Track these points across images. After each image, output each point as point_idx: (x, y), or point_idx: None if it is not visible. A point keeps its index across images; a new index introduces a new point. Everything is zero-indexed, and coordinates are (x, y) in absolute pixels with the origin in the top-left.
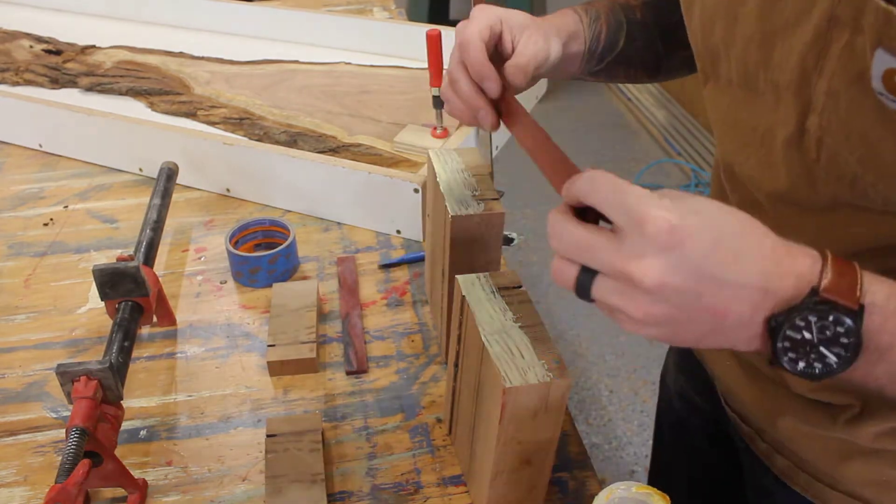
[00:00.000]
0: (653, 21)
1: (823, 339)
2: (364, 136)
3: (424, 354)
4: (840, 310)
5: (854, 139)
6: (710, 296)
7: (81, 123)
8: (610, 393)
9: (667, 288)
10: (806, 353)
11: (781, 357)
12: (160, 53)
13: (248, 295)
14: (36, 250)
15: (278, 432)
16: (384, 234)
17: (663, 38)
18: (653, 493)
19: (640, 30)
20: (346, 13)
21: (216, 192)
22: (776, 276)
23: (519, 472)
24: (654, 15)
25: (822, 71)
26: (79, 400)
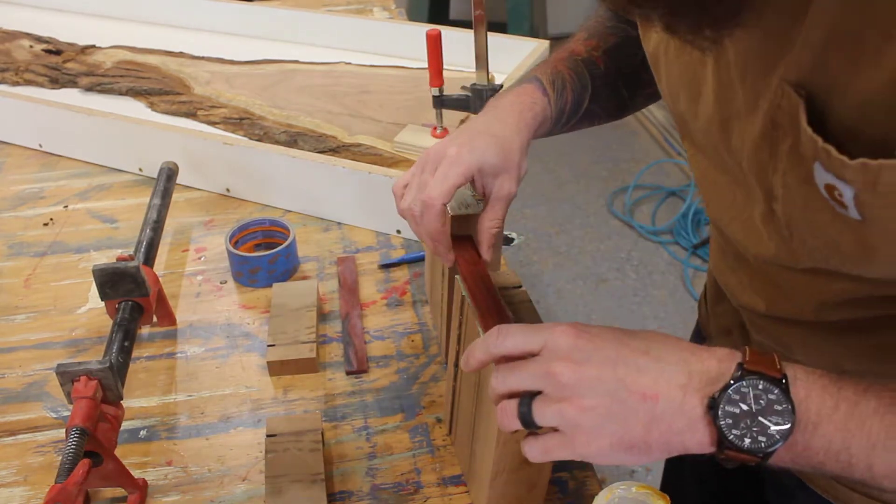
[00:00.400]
0: (615, 69)
1: (760, 409)
2: (364, 136)
3: (424, 354)
4: (768, 379)
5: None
6: (632, 381)
7: (81, 123)
8: None
9: (585, 378)
10: (748, 426)
11: (727, 435)
12: (160, 53)
13: (248, 295)
14: (36, 250)
15: (278, 432)
16: (384, 234)
17: (626, 83)
18: (652, 493)
19: (604, 83)
20: (346, 13)
21: (216, 192)
22: (696, 361)
23: (519, 472)
24: (616, 62)
25: (776, 166)
26: (79, 400)
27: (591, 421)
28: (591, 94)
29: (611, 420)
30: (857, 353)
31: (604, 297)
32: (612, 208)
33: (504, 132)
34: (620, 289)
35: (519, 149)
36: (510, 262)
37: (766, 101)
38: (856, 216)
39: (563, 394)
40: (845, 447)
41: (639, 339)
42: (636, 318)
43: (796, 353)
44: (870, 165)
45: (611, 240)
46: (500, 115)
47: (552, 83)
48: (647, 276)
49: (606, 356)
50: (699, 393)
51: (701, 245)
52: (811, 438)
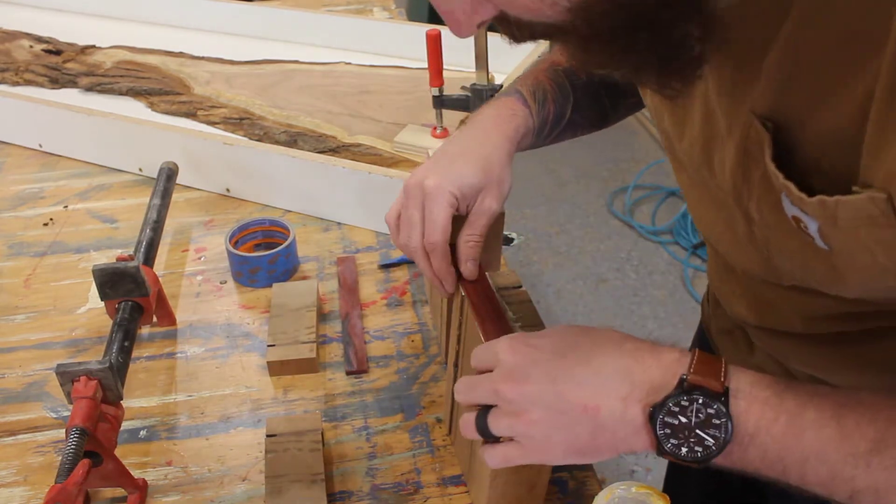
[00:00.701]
0: (597, 78)
1: (698, 422)
2: (364, 136)
3: (424, 354)
4: (708, 394)
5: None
6: (572, 395)
7: (81, 123)
8: None
9: (527, 394)
10: (686, 437)
11: (665, 444)
12: (160, 53)
13: (248, 295)
14: (36, 250)
15: (278, 432)
16: (384, 234)
17: (608, 93)
18: (652, 493)
19: (585, 93)
20: (346, 13)
21: (216, 192)
22: (639, 370)
23: (519, 472)
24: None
25: (751, 192)
26: (79, 400)
27: (541, 432)
28: (572, 104)
29: (558, 430)
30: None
31: (604, 297)
32: (612, 208)
33: (483, 150)
34: (620, 289)
35: (499, 163)
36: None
37: (738, 130)
38: (823, 246)
39: (512, 409)
40: (780, 458)
41: (580, 350)
42: (636, 318)
43: (792, 361)
44: (827, 202)
45: (611, 240)
46: (480, 132)
47: (533, 94)
48: (647, 276)
49: (545, 372)
50: (640, 403)
51: (701, 245)
52: (747, 449)
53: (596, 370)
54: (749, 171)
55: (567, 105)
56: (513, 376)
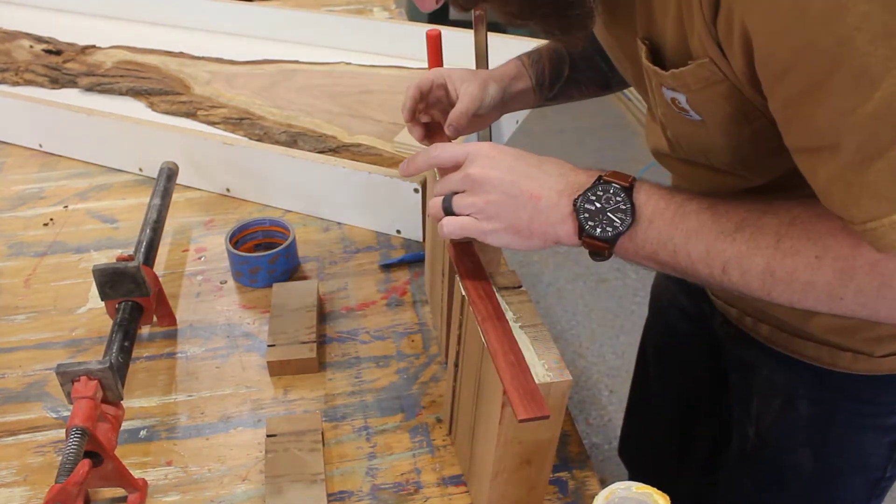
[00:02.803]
0: (593, 49)
1: (609, 207)
2: (364, 136)
3: (424, 354)
4: (617, 186)
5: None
6: (524, 184)
7: (81, 123)
8: (610, 393)
9: (491, 178)
10: (600, 220)
11: (584, 226)
12: (160, 53)
13: (248, 295)
14: (36, 250)
15: (278, 432)
16: (384, 234)
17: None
18: (653, 493)
19: (581, 56)
20: (346, 13)
21: (216, 192)
22: (571, 173)
23: (519, 472)
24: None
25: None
26: (79, 400)
27: (493, 210)
28: (569, 64)
29: (506, 210)
30: None
31: (604, 297)
32: None
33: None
34: (620, 289)
35: (486, 74)
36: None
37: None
38: (696, 117)
39: (474, 189)
40: (670, 238)
41: (533, 157)
42: (636, 318)
43: None
44: (676, 73)
45: None
46: None
47: (528, 56)
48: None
49: (509, 165)
50: (569, 197)
51: None
52: (647, 231)
53: (544, 171)
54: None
55: (563, 64)
56: (483, 164)
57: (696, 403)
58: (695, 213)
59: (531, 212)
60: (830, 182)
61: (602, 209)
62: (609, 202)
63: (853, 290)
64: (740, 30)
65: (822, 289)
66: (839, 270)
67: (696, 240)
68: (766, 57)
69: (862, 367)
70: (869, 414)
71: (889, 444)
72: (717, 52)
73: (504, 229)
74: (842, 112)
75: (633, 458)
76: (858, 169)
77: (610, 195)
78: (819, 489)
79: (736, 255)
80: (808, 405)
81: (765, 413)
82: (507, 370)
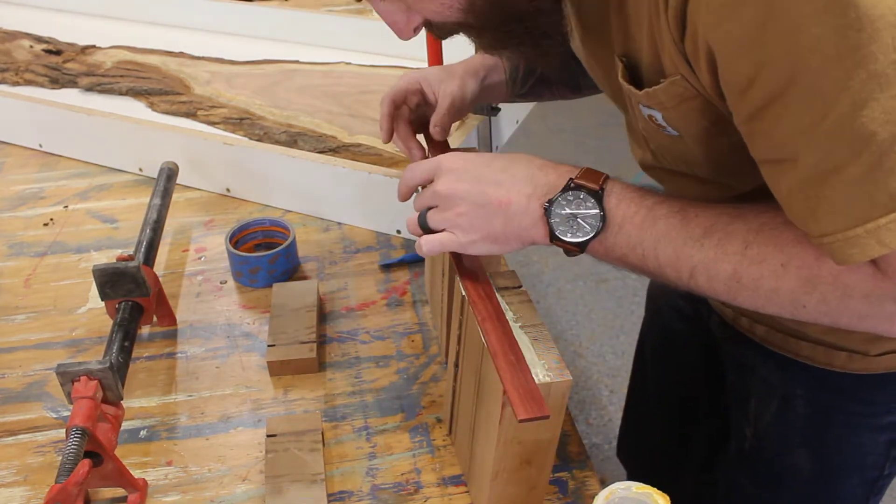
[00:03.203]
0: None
1: (579, 213)
2: (364, 136)
3: (424, 354)
4: (587, 190)
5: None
6: (492, 192)
7: (81, 123)
8: (610, 393)
9: (458, 191)
10: (570, 225)
11: (556, 230)
12: (160, 53)
13: (248, 295)
14: (36, 250)
15: (278, 432)
16: (384, 234)
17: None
18: (653, 493)
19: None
20: (346, 13)
21: (216, 192)
22: (540, 174)
23: (519, 472)
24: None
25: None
26: (79, 400)
27: (466, 222)
28: None
29: (478, 220)
30: None
31: (604, 297)
32: None
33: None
34: (620, 289)
35: (461, 69)
36: (510, 262)
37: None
38: (673, 132)
39: (445, 204)
40: (640, 242)
41: (500, 161)
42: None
43: None
44: (650, 92)
45: None
46: None
47: None
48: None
49: (474, 175)
50: (539, 200)
51: None
52: (616, 236)
53: (511, 175)
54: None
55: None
56: (448, 179)
57: (693, 404)
58: (664, 217)
59: (503, 218)
60: (791, 194)
61: (572, 214)
62: (579, 207)
63: (816, 298)
64: (705, 47)
65: (785, 296)
66: (803, 279)
67: (664, 244)
68: (729, 73)
69: (857, 367)
70: (865, 413)
71: (886, 442)
72: (688, 69)
73: (482, 239)
74: (799, 129)
75: (632, 458)
76: (815, 184)
77: (580, 200)
78: (817, 489)
79: (703, 260)
80: (805, 405)
81: (762, 413)
82: (507, 370)
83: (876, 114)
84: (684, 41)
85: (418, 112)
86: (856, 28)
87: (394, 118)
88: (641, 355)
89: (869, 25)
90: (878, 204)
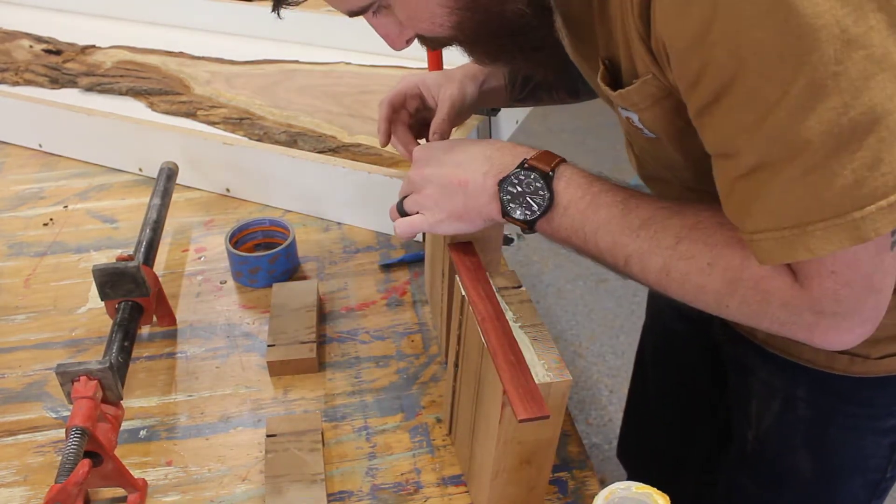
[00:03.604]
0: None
1: (529, 191)
2: (364, 136)
3: (424, 354)
4: (538, 171)
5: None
6: (452, 173)
7: (81, 123)
8: (610, 393)
9: (424, 175)
10: (520, 202)
11: (507, 207)
12: (160, 53)
13: (248, 295)
14: (36, 250)
15: (278, 432)
16: (384, 234)
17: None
18: (652, 493)
19: None
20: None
21: (216, 192)
22: (497, 154)
23: (519, 472)
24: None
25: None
26: (79, 400)
27: (432, 202)
28: None
29: (444, 200)
30: None
31: (604, 297)
32: None
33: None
34: (620, 289)
35: (461, 74)
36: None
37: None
38: (650, 135)
39: (416, 188)
40: (582, 226)
41: (462, 145)
42: (636, 319)
43: None
44: (623, 93)
45: None
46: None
47: None
48: None
49: (438, 159)
50: (495, 178)
51: None
52: (562, 217)
53: (470, 156)
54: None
55: None
56: (417, 166)
57: (694, 405)
58: (606, 206)
59: (463, 197)
60: (730, 189)
61: (522, 193)
62: (529, 187)
63: (738, 300)
64: (663, 45)
65: (710, 294)
66: (728, 280)
67: (603, 231)
68: (679, 69)
69: (858, 370)
70: (867, 416)
71: (889, 445)
72: (657, 68)
73: (448, 218)
74: (741, 126)
75: (632, 459)
76: (753, 180)
77: (531, 180)
78: (819, 491)
79: (637, 250)
80: (806, 407)
81: (763, 415)
82: (507, 370)
83: (812, 123)
84: (650, 39)
85: (417, 116)
86: (796, 35)
87: (392, 122)
88: (642, 357)
89: (810, 35)
90: (812, 209)
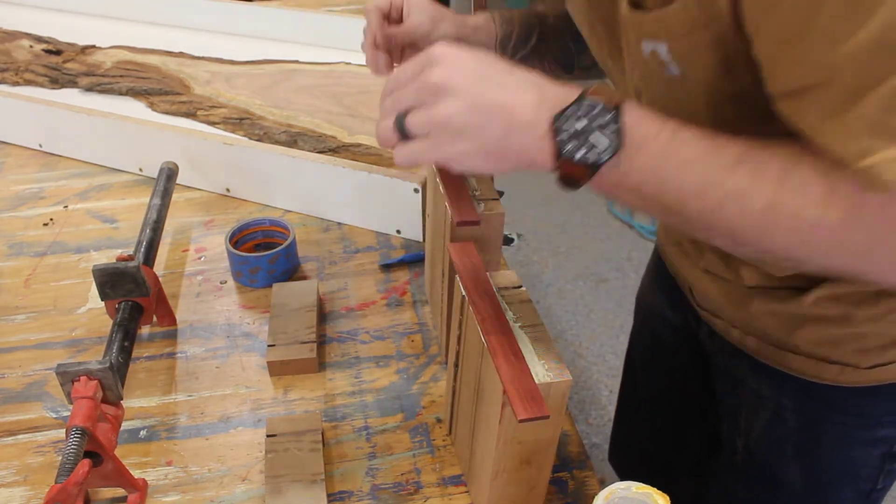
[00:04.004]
0: (564, 26)
1: (594, 126)
2: (364, 136)
3: (424, 354)
4: (604, 104)
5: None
6: (492, 92)
7: (81, 123)
8: (610, 393)
9: (454, 85)
10: (582, 141)
11: (563, 148)
12: (160, 53)
13: (248, 295)
14: (36, 250)
15: (278, 432)
16: (384, 234)
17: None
18: (652, 493)
19: (552, 30)
20: (346, 13)
21: (216, 192)
22: (550, 87)
23: (519, 472)
24: (566, 21)
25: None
26: (79, 400)
27: (457, 123)
28: (538, 32)
29: (471, 127)
30: None
31: (604, 297)
32: (612, 208)
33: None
34: (620, 289)
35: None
36: (510, 262)
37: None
38: (675, 71)
39: (434, 100)
40: (661, 166)
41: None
42: None
43: None
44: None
45: (611, 240)
46: None
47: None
48: None
49: (474, 69)
50: (548, 112)
51: None
52: (634, 158)
53: (518, 78)
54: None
55: (533, 31)
56: (445, 68)
57: (684, 410)
58: (691, 141)
59: (503, 127)
60: (823, 121)
61: (585, 130)
62: (593, 121)
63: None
64: None
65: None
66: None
67: (691, 170)
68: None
69: (848, 379)
70: (856, 426)
71: (880, 456)
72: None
73: (473, 151)
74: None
75: (623, 464)
76: (853, 103)
77: (595, 114)
78: (810, 500)
79: (735, 189)
80: (796, 417)
81: (753, 425)
82: (507, 370)
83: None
84: None
85: None
86: None
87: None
88: (630, 363)
89: None
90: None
